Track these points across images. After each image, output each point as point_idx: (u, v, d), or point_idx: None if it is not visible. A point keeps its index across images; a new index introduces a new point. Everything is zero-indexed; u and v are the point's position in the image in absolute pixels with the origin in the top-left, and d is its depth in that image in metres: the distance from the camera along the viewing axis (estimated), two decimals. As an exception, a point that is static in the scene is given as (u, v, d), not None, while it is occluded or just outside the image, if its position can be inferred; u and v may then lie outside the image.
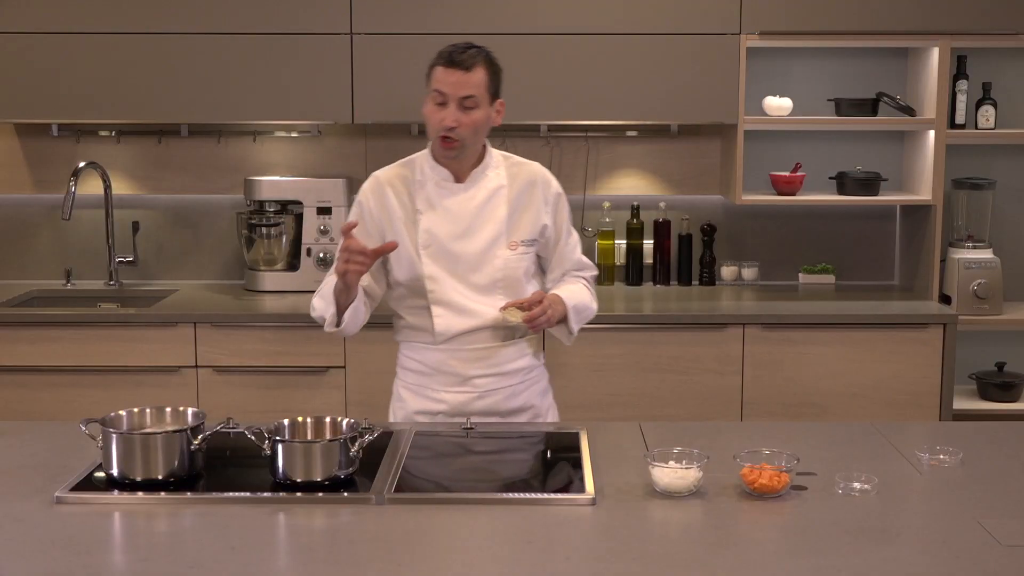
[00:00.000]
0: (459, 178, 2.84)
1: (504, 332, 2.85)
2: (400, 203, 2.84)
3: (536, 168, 2.93)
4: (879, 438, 2.66)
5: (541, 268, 2.98)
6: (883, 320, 4.07)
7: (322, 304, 2.79)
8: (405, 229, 2.82)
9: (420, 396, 2.89)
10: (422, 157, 2.87)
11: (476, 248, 2.82)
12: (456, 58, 2.71)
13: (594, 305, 2.96)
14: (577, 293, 2.90)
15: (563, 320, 2.83)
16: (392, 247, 2.72)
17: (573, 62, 4.21)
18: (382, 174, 2.90)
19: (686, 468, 2.29)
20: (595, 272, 3.04)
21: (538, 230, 2.88)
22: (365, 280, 2.80)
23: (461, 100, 2.71)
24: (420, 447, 2.59)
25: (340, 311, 2.74)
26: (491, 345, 2.84)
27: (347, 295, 2.71)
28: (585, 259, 3.01)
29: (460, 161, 2.81)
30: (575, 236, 2.99)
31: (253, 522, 2.13)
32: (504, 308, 2.77)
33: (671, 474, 2.28)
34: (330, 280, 2.78)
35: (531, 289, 2.89)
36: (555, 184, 2.94)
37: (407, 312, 2.88)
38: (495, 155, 2.90)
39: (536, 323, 2.73)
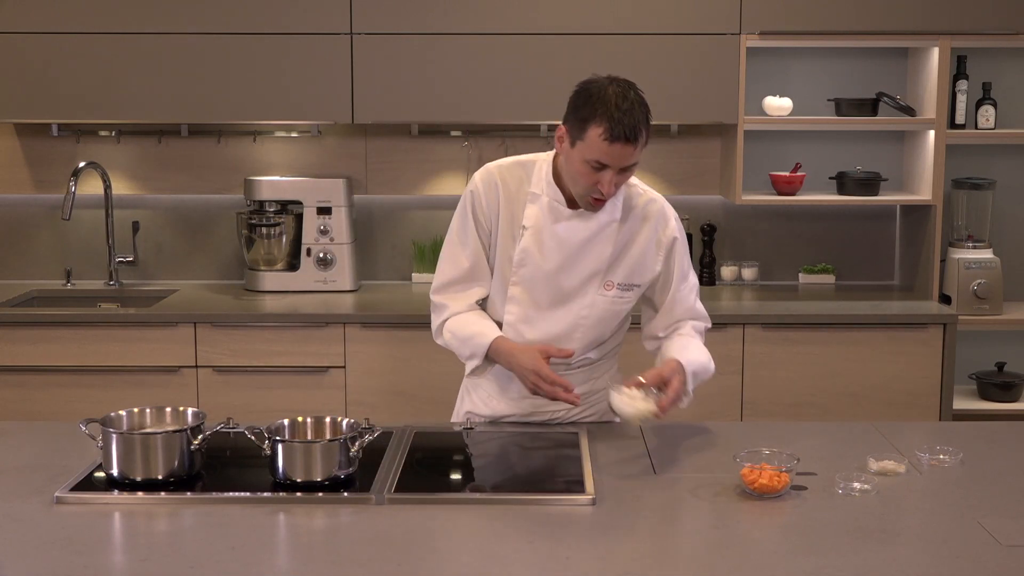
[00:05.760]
0: (573, 203, 2.61)
1: (575, 352, 2.67)
2: (509, 208, 2.64)
3: (655, 205, 2.67)
4: (879, 438, 2.66)
5: (654, 307, 2.75)
6: (883, 320, 4.07)
7: (463, 348, 2.68)
8: (505, 239, 2.64)
9: (478, 399, 2.79)
10: (543, 166, 2.65)
11: (570, 284, 2.63)
12: (623, 132, 2.43)
13: (712, 365, 2.68)
14: (696, 355, 2.63)
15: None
16: (570, 354, 2.59)
17: (573, 62, 4.20)
18: (496, 168, 2.67)
19: (644, 398, 2.41)
20: (709, 325, 2.79)
21: (644, 278, 2.67)
22: (485, 284, 2.71)
23: (623, 169, 2.50)
24: (420, 447, 2.58)
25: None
26: (556, 364, 2.65)
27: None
28: (701, 308, 2.76)
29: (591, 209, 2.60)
30: (692, 281, 2.73)
31: (253, 522, 2.13)
32: (625, 386, 2.48)
33: (622, 400, 2.40)
34: (471, 327, 2.67)
35: (618, 336, 2.74)
36: (672, 226, 2.67)
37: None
38: None
39: (667, 411, 2.47)
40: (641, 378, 2.48)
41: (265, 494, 2.25)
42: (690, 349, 2.64)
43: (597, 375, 2.78)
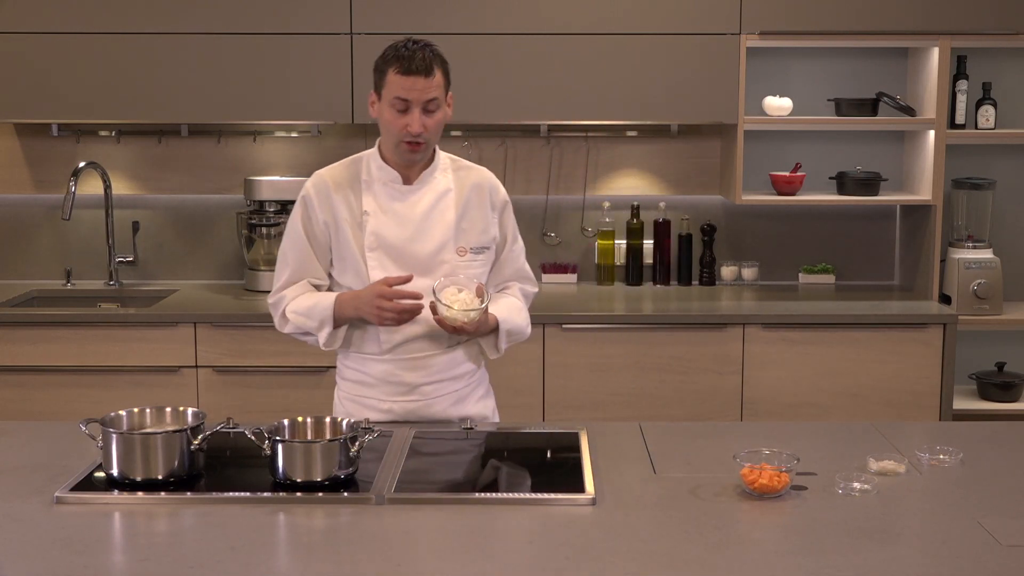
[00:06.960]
0: (407, 180, 2.76)
1: (447, 338, 2.75)
2: (346, 204, 2.76)
3: (484, 173, 2.86)
4: (879, 438, 2.66)
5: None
6: (883, 320, 4.07)
7: (310, 322, 2.77)
8: (351, 231, 2.74)
9: (363, 407, 2.81)
10: (369, 156, 2.80)
11: (425, 251, 2.74)
12: (415, 65, 2.61)
13: (528, 330, 2.86)
14: (514, 314, 2.82)
15: (492, 331, 2.76)
16: (408, 278, 2.68)
17: (573, 62, 4.21)
18: (327, 172, 2.81)
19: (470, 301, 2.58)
20: (536, 289, 2.97)
21: (489, 238, 2.81)
22: (322, 280, 2.81)
23: (425, 104, 2.65)
24: (420, 447, 2.59)
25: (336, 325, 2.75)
26: (435, 352, 2.76)
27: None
28: (528, 270, 2.94)
29: (414, 163, 2.74)
30: (520, 244, 2.92)
31: (253, 522, 2.14)
32: (442, 290, 2.64)
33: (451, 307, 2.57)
34: (311, 298, 2.77)
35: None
36: (502, 191, 2.87)
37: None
38: (443, 158, 2.82)
39: (454, 331, 2.66)
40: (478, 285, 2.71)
41: (265, 494, 2.25)
42: (512, 311, 2.82)
43: (471, 355, 2.83)
